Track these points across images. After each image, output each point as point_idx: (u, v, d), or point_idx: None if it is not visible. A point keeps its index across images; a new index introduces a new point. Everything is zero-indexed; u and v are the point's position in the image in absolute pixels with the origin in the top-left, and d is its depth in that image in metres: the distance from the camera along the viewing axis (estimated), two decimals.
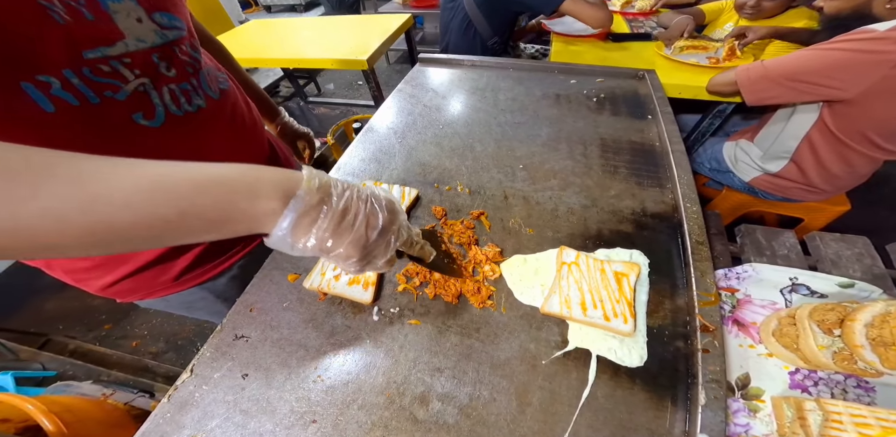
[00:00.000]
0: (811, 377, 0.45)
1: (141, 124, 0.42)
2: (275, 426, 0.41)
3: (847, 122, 0.92)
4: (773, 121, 1.09)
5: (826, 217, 1.18)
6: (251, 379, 0.45)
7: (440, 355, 0.45)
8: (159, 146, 0.45)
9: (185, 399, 0.43)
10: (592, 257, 0.50)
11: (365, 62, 1.42)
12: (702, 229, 0.50)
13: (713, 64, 1.27)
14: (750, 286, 0.52)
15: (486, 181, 0.66)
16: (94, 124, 0.39)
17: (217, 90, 0.51)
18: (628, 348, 0.43)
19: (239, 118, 0.56)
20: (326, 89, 3.07)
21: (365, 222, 0.32)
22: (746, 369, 0.46)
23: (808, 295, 0.50)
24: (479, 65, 1.04)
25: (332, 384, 0.44)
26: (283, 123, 0.88)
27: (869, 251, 0.56)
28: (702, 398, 0.38)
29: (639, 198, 0.60)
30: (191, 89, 0.46)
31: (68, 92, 0.35)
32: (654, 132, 0.74)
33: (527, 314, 0.48)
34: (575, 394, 0.41)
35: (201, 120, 0.48)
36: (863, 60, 0.80)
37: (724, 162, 1.24)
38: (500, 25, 1.46)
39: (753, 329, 0.49)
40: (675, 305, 0.47)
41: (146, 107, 0.42)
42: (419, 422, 0.40)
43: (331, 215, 0.29)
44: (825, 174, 1.01)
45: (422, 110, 0.86)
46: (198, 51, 0.49)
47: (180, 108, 0.45)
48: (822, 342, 0.40)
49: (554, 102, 0.86)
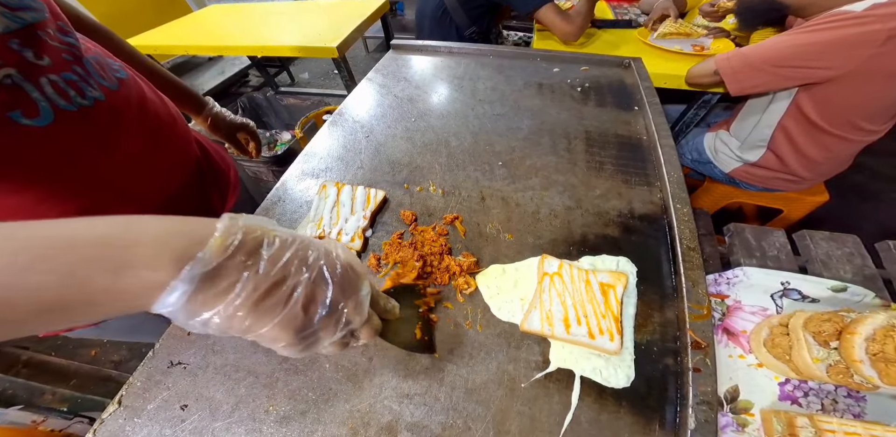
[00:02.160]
0: (801, 387, 0.42)
1: (24, 124, 0.35)
2: None
3: (826, 106, 0.92)
4: (748, 110, 1.09)
5: (805, 208, 1.19)
6: (192, 410, 0.39)
7: (409, 379, 0.40)
8: (56, 150, 0.38)
9: (115, 433, 0.38)
10: (577, 267, 0.45)
11: (335, 50, 1.32)
12: (693, 233, 0.46)
13: (697, 51, 1.24)
14: (740, 292, 0.49)
15: (461, 180, 0.60)
16: None
17: (113, 79, 0.44)
18: (614, 368, 0.39)
19: (151, 112, 0.49)
20: (301, 79, 2.92)
21: (303, 297, 0.23)
22: (736, 380, 0.43)
23: (799, 300, 0.48)
24: (457, 52, 0.97)
25: (287, 414, 0.39)
26: (213, 115, 0.76)
27: (859, 251, 0.54)
28: (691, 423, 0.35)
29: (626, 197, 0.55)
30: (78, 79, 0.39)
31: None
32: (641, 124, 0.69)
33: (505, 332, 0.43)
34: (556, 420, 0.37)
35: (104, 115, 0.41)
36: (849, 40, 0.80)
37: (704, 153, 1.23)
38: (478, 15, 1.38)
39: (743, 338, 0.46)
40: (665, 318, 0.43)
41: (23, 103, 0.35)
42: None
43: (251, 286, 0.22)
44: (804, 161, 1.02)
45: (392, 102, 0.80)
46: (71, 35, 0.42)
47: (71, 101, 0.38)
48: (817, 355, 0.38)
49: (536, 91, 0.81)
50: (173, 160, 0.52)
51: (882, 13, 0.76)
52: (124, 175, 0.45)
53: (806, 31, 0.85)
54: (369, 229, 0.54)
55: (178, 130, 0.54)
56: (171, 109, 0.55)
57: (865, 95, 0.87)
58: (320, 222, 0.53)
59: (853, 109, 0.91)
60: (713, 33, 1.32)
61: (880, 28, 0.76)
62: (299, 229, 0.54)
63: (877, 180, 1.78)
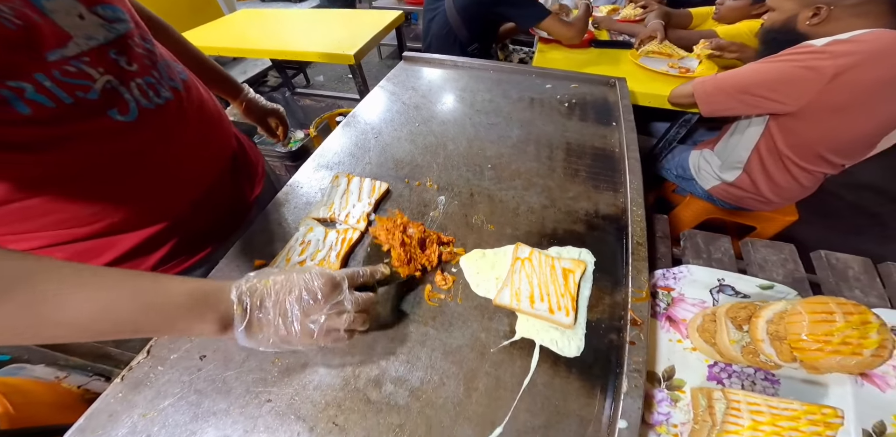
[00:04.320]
0: (726, 370, 0.49)
1: (118, 120, 0.43)
2: (229, 406, 0.43)
3: (792, 136, 0.95)
4: (731, 132, 1.13)
5: (776, 226, 1.26)
6: (208, 360, 0.46)
7: (396, 341, 0.48)
8: (135, 140, 0.46)
9: (140, 379, 0.45)
10: (545, 254, 0.53)
11: (352, 57, 1.42)
12: (643, 231, 0.55)
13: (682, 73, 1.32)
14: (684, 286, 0.56)
15: (454, 178, 0.69)
16: (72, 123, 0.40)
17: (179, 80, 0.52)
18: (568, 340, 0.47)
19: (206, 110, 0.57)
20: (316, 81, 3.04)
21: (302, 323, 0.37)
22: (672, 361, 0.50)
23: (732, 295, 0.55)
24: (461, 66, 1.07)
25: (289, 365, 0.46)
26: (249, 100, 0.85)
27: (793, 257, 0.61)
28: (624, 387, 0.42)
29: (593, 200, 0.63)
30: (155, 82, 0.47)
31: (42, 95, 0.36)
32: (615, 139, 0.78)
33: (480, 305, 0.51)
34: (517, 381, 0.44)
35: (171, 111, 0.49)
36: (802, 74, 0.82)
37: (688, 170, 1.28)
38: (480, 33, 1.47)
39: (683, 325, 0.53)
40: (614, 300, 0.51)
41: (119, 103, 0.43)
42: (371, 403, 0.43)
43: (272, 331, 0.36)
44: (772, 185, 1.06)
45: (400, 108, 0.88)
46: (149, 41, 0.50)
47: (150, 101, 0.46)
48: (733, 337, 0.45)
49: (528, 105, 0.90)
50: (217, 151, 0.60)
51: (836, 50, 0.78)
52: (179, 163, 0.52)
53: (771, 61, 0.88)
54: (373, 214, 0.62)
55: (223, 126, 0.62)
56: (218, 106, 0.63)
57: (823, 130, 0.89)
58: (332, 206, 0.62)
59: (817, 143, 0.92)
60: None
61: (830, 64, 0.77)
62: (314, 210, 0.62)
63: (847, 203, 1.88)
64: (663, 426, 0.44)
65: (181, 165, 0.53)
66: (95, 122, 0.42)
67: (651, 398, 0.47)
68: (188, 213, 0.55)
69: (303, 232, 0.58)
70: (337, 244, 0.56)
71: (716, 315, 0.48)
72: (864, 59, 0.76)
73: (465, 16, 1.39)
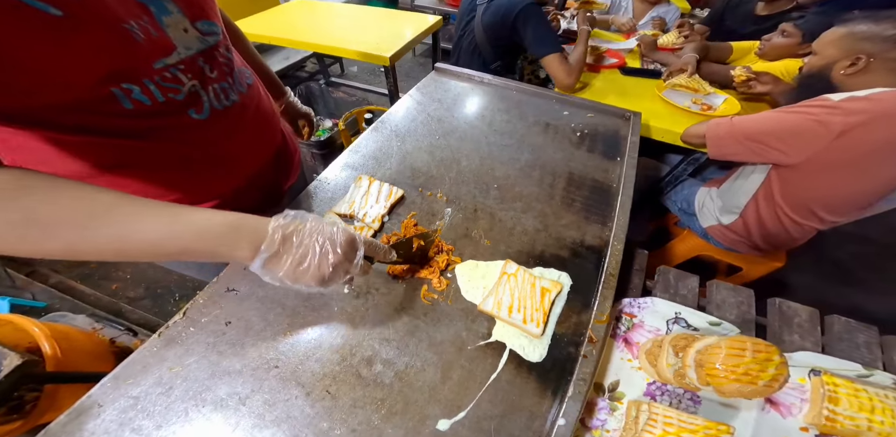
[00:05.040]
0: (661, 388, 0.57)
1: (193, 118, 0.52)
2: (243, 367, 0.50)
3: (789, 188, 0.96)
4: (736, 175, 1.14)
5: (762, 270, 1.31)
6: (232, 327, 0.54)
7: (391, 328, 0.56)
8: (204, 134, 0.54)
9: (173, 337, 0.52)
10: (529, 273, 0.61)
11: (388, 59, 1.50)
12: (618, 265, 0.63)
13: (703, 111, 1.30)
14: (645, 315, 0.64)
15: (463, 193, 0.77)
16: (160, 118, 0.48)
17: (245, 85, 0.60)
18: (534, 347, 0.55)
19: (262, 110, 0.65)
20: (350, 71, 3.12)
21: (318, 264, 0.42)
22: (619, 376, 0.58)
23: (684, 327, 0.63)
24: (487, 83, 1.13)
25: (298, 338, 0.54)
26: (288, 103, 0.96)
27: (749, 301, 0.68)
28: (570, 391, 0.51)
29: (582, 230, 0.71)
30: (228, 87, 0.55)
31: (144, 95, 0.45)
32: (616, 174, 0.84)
33: (466, 309, 0.59)
34: (485, 376, 0.52)
35: (235, 112, 0.57)
36: (810, 128, 0.81)
37: (693, 205, 1.30)
38: (503, 52, 1.52)
39: (636, 348, 0.61)
40: (580, 319, 0.59)
41: (197, 104, 0.51)
42: (362, 378, 0.51)
43: (290, 262, 0.42)
44: (763, 233, 1.09)
45: (425, 119, 0.96)
46: (230, 51, 0.58)
47: (220, 103, 0.55)
48: (670, 361, 0.53)
49: (542, 130, 0.96)
50: (265, 146, 0.68)
51: (849, 107, 0.76)
52: (234, 154, 0.61)
53: (786, 111, 0.88)
54: (387, 216, 0.71)
55: (274, 123, 0.70)
56: (272, 105, 0.71)
57: (818, 185, 0.90)
58: (352, 204, 0.71)
59: (809, 197, 0.93)
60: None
61: (839, 121, 0.76)
62: (336, 206, 0.71)
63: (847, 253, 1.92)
64: (598, 431, 0.53)
65: (235, 157, 0.61)
66: (177, 118, 0.50)
67: (594, 406, 0.55)
68: (230, 197, 0.64)
69: None
70: None
71: (662, 342, 0.56)
72: (874, 119, 0.75)
73: (489, 34, 1.45)
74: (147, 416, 0.46)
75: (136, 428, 0.45)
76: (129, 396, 0.47)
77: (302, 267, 0.42)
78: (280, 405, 0.48)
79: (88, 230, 0.35)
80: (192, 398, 0.48)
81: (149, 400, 0.47)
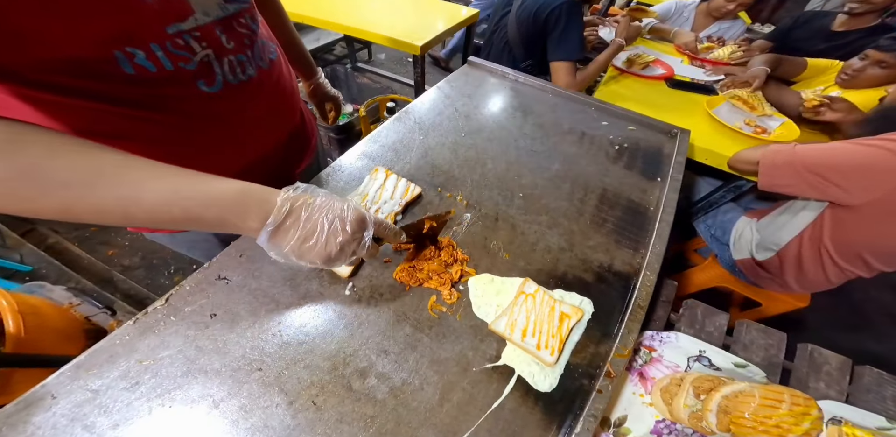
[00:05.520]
0: (670, 427, 0.53)
1: (202, 90, 0.47)
2: (222, 366, 0.46)
3: (843, 231, 0.88)
4: (782, 210, 1.06)
5: (782, 308, 1.25)
6: (217, 320, 0.50)
7: (391, 339, 0.51)
8: (213, 107, 0.50)
9: (150, 326, 0.48)
10: (549, 295, 0.56)
11: (419, 48, 1.44)
12: (648, 297, 0.57)
13: (756, 134, 1.18)
14: (666, 349, 0.60)
15: (484, 199, 0.71)
16: (164, 87, 0.44)
17: (267, 60, 0.56)
18: (544, 376, 0.50)
19: (281, 87, 0.61)
20: (377, 58, 3.06)
21: (325, 242, 0.40)
22: (628, 411, 0.54)
23: (707, 366, 0.58)
24: (522, 82, 1.06)
25: (288, 340, 0.49)
26: (318, 84, 0.94)
27: (780, 345, 0.63)
28: (578, 428, 0.46)
29: (611, 254, 0.65)
30: (245, 60, 0.51)
31: (149, 61, 0.41)
32: (654, 196, 0.77)
33: (476, 326, 0.54)
34: (488, 402, 0.48)
35: (252, 88, 0.53)
36: (883, 166, 0.74)
37: (728, 234, 1.20)
38: (534, 51, 1.46)
39: (650, 383, 0.57)
40: (597, 351, 0.54)
41: (209, 75, 0.47)
42: (352, 391, 0.46)
43: (296, 237, 0.40)
44: (799, 275, 1.02)
45: (451, 114, 0.91)
46: (256, 22, 0.53)
47: (235, 77, 0.50)
48: (688, 402, 0.49)
49: (577, 139, 0.90)
50: (280, 126, 0.64)
51: None
52: (245, 131, 0.57)
53: (858, 143, 0.79)
54: (400, 215, 0.65)
55: (292, 103, 0.66)
56: (294, 84, 0.66)
57: (876, 232, 0.82)
58: (365, 197, 0.66)
59: (862, 243, 0.86)
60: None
61: None
62: (348, 197, 0.66)
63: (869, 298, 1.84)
64: None
65: (246, 134, 0.57)
66: (184, 89, 0.46)
67: None
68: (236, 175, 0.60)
69: None
70: None
71: (682, 381, 0.52)
72: None
73: (522, 29, 1.39)
74: (104, 412, 0.42)
75: (88, 425, 0.41)
76: (89, 388, 0.43)
77: (308, 244, 0.40)
78: (258, 413, 0.44)
79: (92, 189, 0.33)
80: (160, 397, 0.43)
81: (109, 395, 0.43)
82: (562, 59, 1.30)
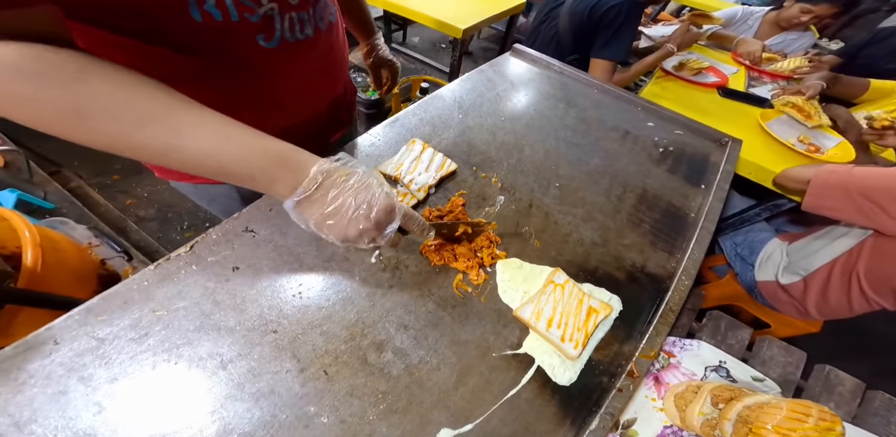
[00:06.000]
0: (677, 434, 0.52)
1: (260, 45, 0.46)
2: (237, 324, 0.44)
3: (879, 261, 0.85)
4: (819, 235, 1.01)
5: (791, 332, 1.22)
6: (239, 273, 0.48)
7: (413, 314, 0.50)
8: (268, 63, 0.49)
9: (170, 273, 0.46)
10: (578, 288, 0.54)
11: (461, 31, 1.41)
12: (681, 301, 0.55)
13: (810, 152, 1.12)
14: (686, 356, 0.59)
15: (520, 184, 0.69)
16: (226, 37, 0.43)
17: (327, 22, 0.54)
18: (565, 369, 0.48)
19: (333, 52, 0.59)
20: (411, 41, 3.01)
21: (346, 225, 0.39)
22: (637, 415, 0.53)
23: (723, 377, 0.57)
24: (567, 74, 1.03)
25: (308, 303, 0.48)
26: (375, 45, 0.87)
27: (798, 364, 0.62)
28: (593, 424, 0.45)
29: (645, 255, 0.63)
30: (306, 19, 0.49)
31: (217, 9, 0.40)
32: (697, 203, 0.74)
33: (500, 310, 0.52)
34: (504, 389, 0.46)
35: (306, 48, 0.52)
36: None
37: (756, 255, 1.15)
38: (583, 46, 1.41)
39: (664, 388, 0.55)
40: (621, 349, 0.52)
41: (269, 30, 0.46)
42: (367, 364, 0.45)
43: (319, 213, 0.39)
44: (821, 302, 0.99)
45: (492, 96, 0.88)
46: None
47: (293, 35, 0.49)
48: (704, 410, 0.48)
49: (621, 137, 0.86)
50: (324, 93, 0.62)
51: None
52: (291, 92, 0.55)
53: None
54: (433, 188, 0.64)
55: (341, 71, 0.64)
56: (345, 53, 0.64)
57: None
58: (399, 167, 0.64)
59: None
60: None
61: None
62: (383, 165, 0.64)
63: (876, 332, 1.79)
64: None
65: (292, 95, 0.56)
66: (244, 41, 0.45)
67: None
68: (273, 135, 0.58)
69: None
70: None
71: (700, 388, 0.51)
72: None
73: (575, 21, 1.35)
74: (105, 364, 0.40)
75: (84, 377, 0.39)
76: (95, 336, 0.41)
77: (329, 222, 0.39)
78: (266, 378, 0.42)
79: (140, 129, 0.33)
80: (167, 352, 0.41)
81: (115, 345, 0.41)
82: (605, 57, 1.26)
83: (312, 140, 0.66)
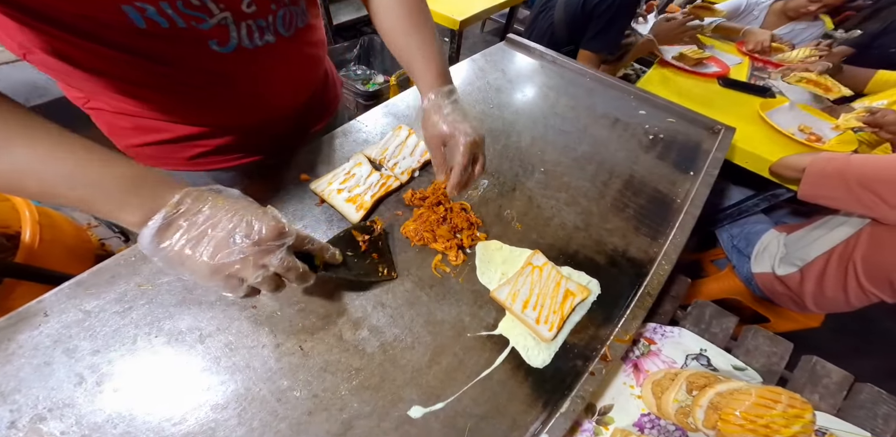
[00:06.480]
0: (654, 421, 0.52)
1: (213, 50, 0.44)
2: (217, 300, 0.45)
3: (878, 251, 0.83)
4: (818, 225, 1.00)
5: (791, 326, 1.20)
6: None
7: (390, 293, 0.50)
8: (223, 66, 0.47)
9: None
10: (557, 270, 0.54)
11: (458, 23, 1.40)
12: (659, 286, 0.55)
13: (810, 142, 1.10)
14: (666, 344, 0.58)
15: (504, 169, 0.69)
16: (175, 42, 0.42)
17: (293, 28, 0.51)
18: (539, 351, 0.48)
19: (304, 57, 0.57)
20: None
21: (218, 244, 0.33)
22: (615, 401, 0.53)
23: (704, 366, 0.56)
24: (560, 64, 1.02)
25: None
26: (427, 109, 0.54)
27: (784, 354, 0.61)
28: (564, 407, 0.44)
29: (627, 240, 0.63)
30: (265, 26, 0.47)
31: (161, 17, 0.38)
32: (684, 189, 0.73)
33: (477, 291, 0.53)
34: (477, 370, 0.46)
35: (266, 53, 0.49)
36: None
37: (752, 246, 1.14)
38: (577, 37, 1.40)
39: (643, 375, 0.55)
40: (597, 333, 0.52)
41: (223, 36, 0.44)
42: (342, 340, 0.46)
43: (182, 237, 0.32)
44: (818, 294, 0.97)
45: (482, 85, 0.87)
46: None
47: (252, 42, 0.47)
48: (678, 397, 0.47)
49: (610, 124, 0.85)
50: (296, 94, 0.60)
51: None
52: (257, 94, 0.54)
53: None
54: (417, 171, 0.64)
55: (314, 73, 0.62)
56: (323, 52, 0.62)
57: None
58: (385, 151, 0.65)
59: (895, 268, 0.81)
60: None
61: None
62: (367, 149, 0.65)
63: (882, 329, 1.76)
64: None
65: (258, 96, 0.55)
66: (195, 47, 0.44)
67: (578, 426, 0.50)
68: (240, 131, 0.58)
69: (351, 164, 0.62)
70: (376, 186, 0.59)
71: (677, 376, 0.50)
72: None
73: (568, 13, 1.34)
74: (89, 336, 0.41)
75: (69, 349, 0.40)
76: (82, 309, 0.43)
77: (190, 251, 0.32)
78: (242, 352, 0.43)
79: None
80: (148, 325, 0.43)
81: (100, 318, 0.43)
82: (591, 49, 1.26)
83: (290, 132, 0.66)
